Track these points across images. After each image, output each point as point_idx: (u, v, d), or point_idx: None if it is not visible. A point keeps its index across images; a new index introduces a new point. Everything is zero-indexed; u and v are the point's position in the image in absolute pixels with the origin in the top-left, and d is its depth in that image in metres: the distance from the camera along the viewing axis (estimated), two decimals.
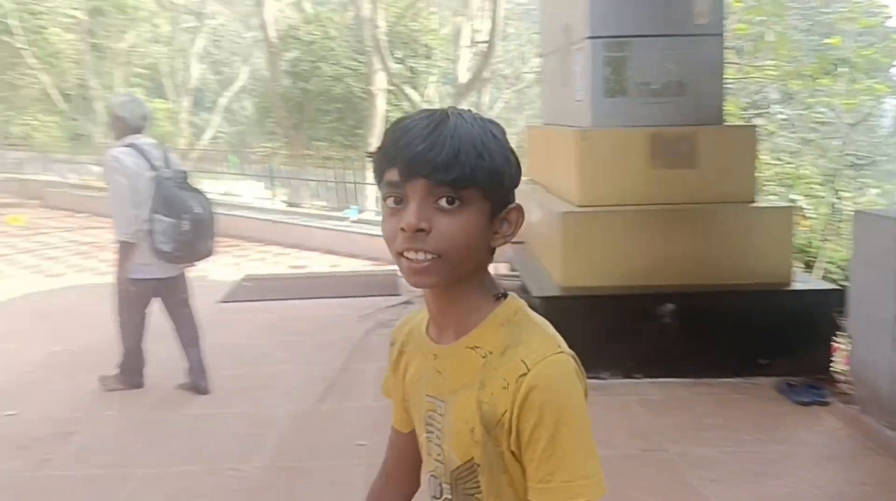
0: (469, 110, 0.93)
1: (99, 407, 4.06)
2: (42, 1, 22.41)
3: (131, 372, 4.23)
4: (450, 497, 1.00)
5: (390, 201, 0.90)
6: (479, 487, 0.95)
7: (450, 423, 0.96)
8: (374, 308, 5.74)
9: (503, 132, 0.93)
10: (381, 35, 14.94)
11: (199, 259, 4.07)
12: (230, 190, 15.39)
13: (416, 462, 1.12)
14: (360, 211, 11.80)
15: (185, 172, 4.08)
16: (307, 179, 13.90)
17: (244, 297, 6.30)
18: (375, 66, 15.82)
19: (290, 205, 13.09)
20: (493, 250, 0.94)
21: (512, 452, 0.91)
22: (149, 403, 4.10)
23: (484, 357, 0.93)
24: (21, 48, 22.26)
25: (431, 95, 18.18)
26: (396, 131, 0.90)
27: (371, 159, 0.96)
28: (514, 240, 0.97)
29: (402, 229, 0.87)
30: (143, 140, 4.01)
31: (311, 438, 3.61)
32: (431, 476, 1.02)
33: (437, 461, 1.00)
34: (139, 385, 4.25)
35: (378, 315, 5.56)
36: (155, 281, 4.02)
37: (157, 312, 4.18)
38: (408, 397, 1.07)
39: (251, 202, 13.61)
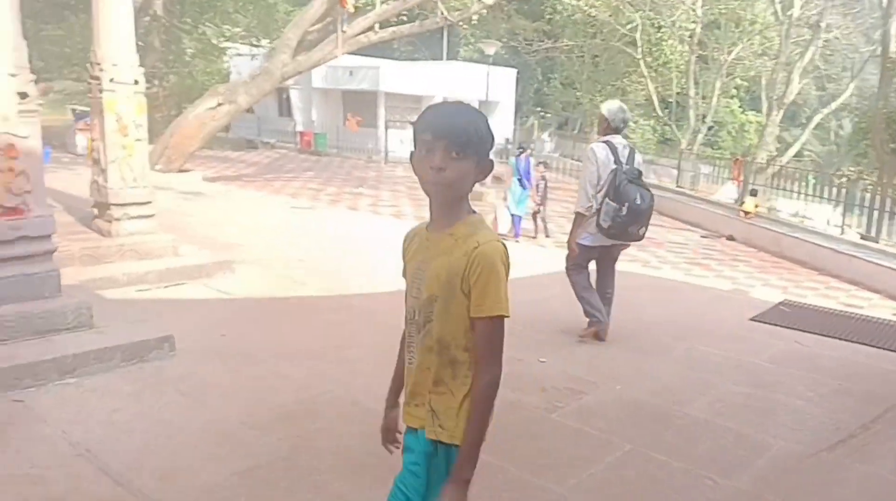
0: (469, 104, 1.68)
1: (608, 372, 4.47)
2: (667, 16, 24.53)
3: (594, 317, 5.13)
4: (418, 317, 1.71)
5: (422, 151, 1.61)
6: (432, 311, 1.67)
7: (428, 273, 1.67)
8: None
9: (486, 118, 1.65)
10: None
11: (628, 240, 4.91)
12: (802, 211, 14.51)
13: None
14: None
15: (639, 171, 4.84)
16: (893, 213, 12.09)
17: (776, 320, 5.98)
18: None
19: (864, 238, 11.63)
20: (473, 184, 1.65)
21: (463, 291, 1.62)
22: (650, 390, 4.32)
23: (455, 240, 1.65)
24: (638, 59, 24.95)
25: None
26: (435, 110, 1.64)
27: (415, 124, 1.64)
28: None
29: (431, 167, 1.59)
30: (617, 140, 4.86)
31: (804, 483, 3.28)
32: (410, 308, 1.75)
33: (415, 297, 1.72)
34: (602, 338, 5.09)
35: None
36: (594, 247, 4.94)
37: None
38: (405, 267, 1.79)
39: (819, 228, 12.59)
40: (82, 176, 7.34)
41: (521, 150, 11.61)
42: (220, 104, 15.12)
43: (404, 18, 17.84)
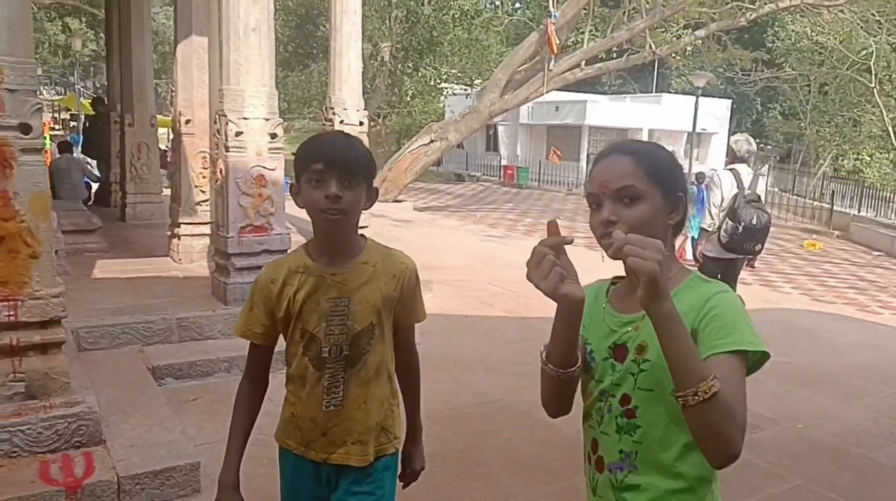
0: (351, 135, 1.66)
1: (793, 411, 4.37)
2: None
3: None
4: (348, 352, 1.64)
5: (313, 182, 1.55)
6: (371, 341, 1.65)
7: (355, 306, 1.63)
8: None
9: (368, 149, 1.65)
10: None
11: (744, 254, 5.53)
12: None
13: (266, 366, 1.72)
14: None
15: (758, 195, 5.47)
16: None
17: None
18: None
19: None
20: (361, 213, 1.60)
21: (395, 310, 1.68)
22: (835, 432, 4.16)
23: (374, 267, 1.65)
24: (873, 87, 22.75)
25: None
26: (319, 142, 1.60)
27: (297, 156, 1.59)
28: None
29: (326, 197, 1.53)
30: (743, 168, 5.55)
31: None
32: (333, 346, 1.63)
33: (340, 333, 1.63)
34: None
35: None
36: (717, 259, 5.59)
37: None
38: (300, 309, 1.63)
39: None
40: None
41: (699, 180, 11.40)
42: (432, 141, 16.36)
43: (614, 54, 18.04)
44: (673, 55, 18.71)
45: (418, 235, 10.91)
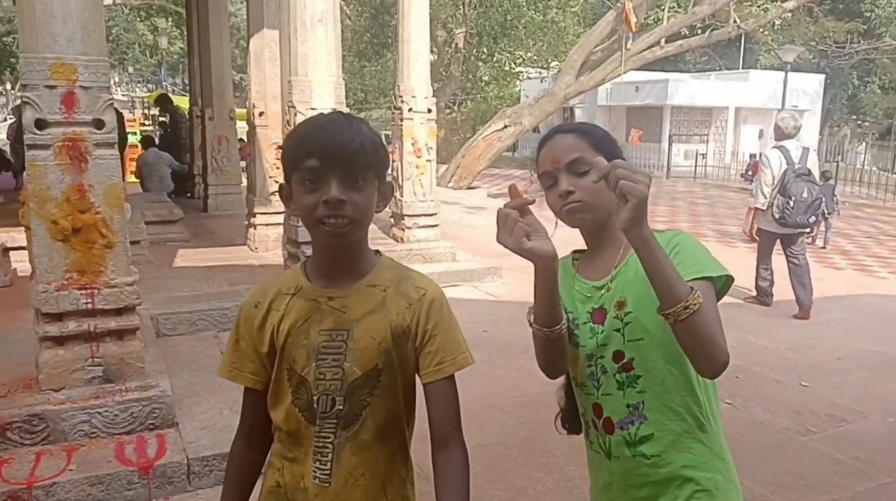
0: (355, 116, 1.25)
1: (883, 404, 4.11)
2: None
3: (762, 294, 6.18)
4: (342, 407, 1.23)
5: (307, 184, 1.18)
6: (373, 389, 1.24)
7: (356, 342, 1.23)
8: None
9: (377, 131, 1.24)
10: None
11: (798, 227, 5.74)
12: None
13: (268, 418, 1.31)
14: None
15: (808, 170, 5.67)
16: None
17: None
18: None
19: None
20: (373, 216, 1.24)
21: (414, 352, 1.26)
22: None
23: (385, 291, 1.26)
24: None
25: None
26: (314, 128, 1.20)
27: (285, 150, 1.23)
28: None
29: (326, 202, 1.16)
30: (791, 144, 5.78)
31: None
32: (322, 395, 1.23)
33: (333, 379, 1.23)
34: (767, 304, 6.13)
35: None
36: (773, 234, 5.91)
37: None
38: (284, 341, 1.25)
39: None
40: None
41: None
42: (506, 126, 16.22)
43: (697, 30, 17.36)
44: (760, 29, 17.85)
45: (491, 222, 10.81)
